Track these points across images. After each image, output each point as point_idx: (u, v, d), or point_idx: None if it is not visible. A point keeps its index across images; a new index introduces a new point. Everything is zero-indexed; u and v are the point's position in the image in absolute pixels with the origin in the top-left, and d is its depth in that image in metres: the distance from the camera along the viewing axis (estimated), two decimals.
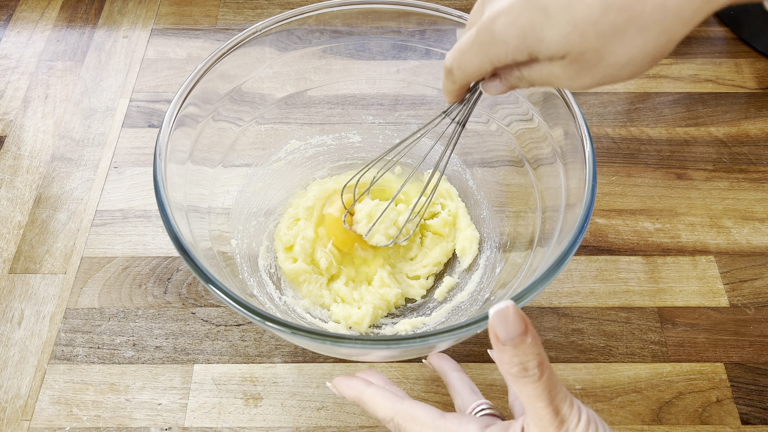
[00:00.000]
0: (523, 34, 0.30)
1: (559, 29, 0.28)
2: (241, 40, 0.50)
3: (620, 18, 0.27)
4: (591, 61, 0.29)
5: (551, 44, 0.29)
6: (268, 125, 0.57)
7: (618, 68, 0.29)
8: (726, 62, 0.74)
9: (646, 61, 0.29)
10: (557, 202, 0.46)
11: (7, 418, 0.51)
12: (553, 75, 0.31)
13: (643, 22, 0.27)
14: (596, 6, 0.27)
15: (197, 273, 0.39)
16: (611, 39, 0.28)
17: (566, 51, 0.29)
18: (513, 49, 0.30)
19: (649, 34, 0.27)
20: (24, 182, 0.64)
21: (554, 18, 0.28)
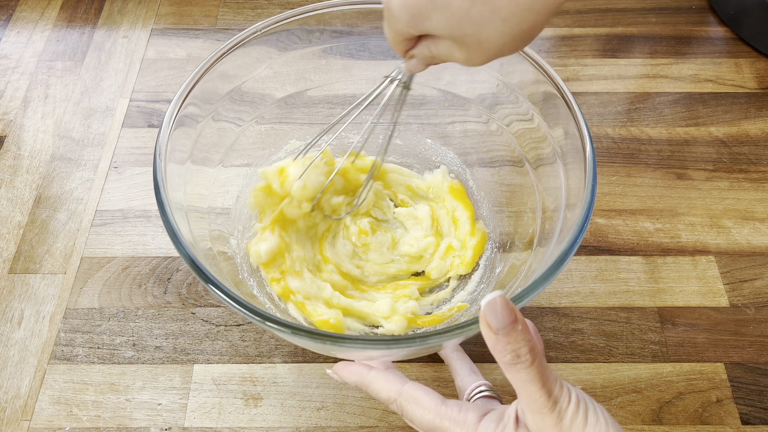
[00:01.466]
0: (412, 13, 0.35)
1: (440, 14, 0.34)
2: (241, 40, 0.50)
3: (485, 10, 0.32)
4: (473, 43, 0.34)
5: (436, 25, 0.35)
6: (268, 125, 0.57)
7: (497, 49, 0.34)
8: (726, 62, 0.74)
9: (519, 41, 0.34)
10: (557, 202, 0.46)
11: (7, 418, 0.51)
12: (451, 53, 0.37)
13: (503, 14, 0.32)
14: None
15: (197, 273, 0.39)
16: (483, 26, 0.33)
17: (449, 33, 0.35)
18: (406, 24, 0.36)
19: (511, 23, 0.32)
20: (24, 182, 0.64)
21: (435, 3, 0.34)
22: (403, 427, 0.50)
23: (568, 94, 0.45)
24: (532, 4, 0.32)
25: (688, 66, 0.74)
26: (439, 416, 0.38)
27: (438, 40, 0.37)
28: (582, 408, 0.33)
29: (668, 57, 0.75)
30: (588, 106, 0.70)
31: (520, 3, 0.32)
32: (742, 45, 0.75)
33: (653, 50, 0.75)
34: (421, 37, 0.39)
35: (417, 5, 0.35)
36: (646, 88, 0.72)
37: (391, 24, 0.38)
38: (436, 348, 0.43)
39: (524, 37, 0.34)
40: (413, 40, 0.39)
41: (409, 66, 0.42)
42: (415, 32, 0.37)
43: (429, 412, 0.38)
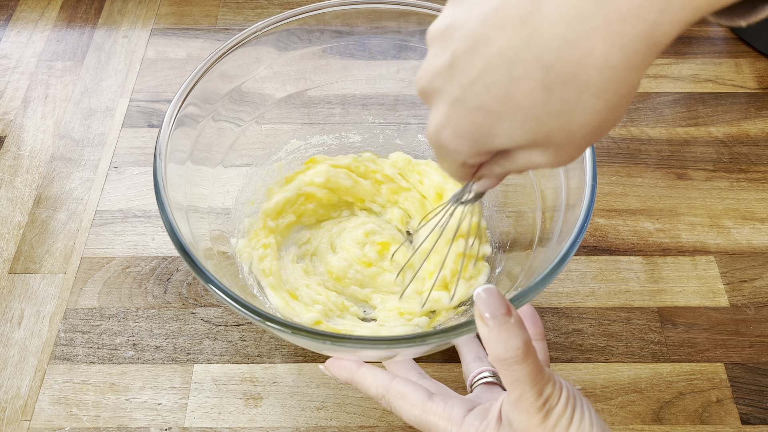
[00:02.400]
0: (473, 138, 0.28)
1: (510, 122, 0.26)
2: (241, 40, 0.50)
3: (569, 93, 0.24)
4: (563, 139, 0.27)
5: (510, 138, 0.27)
6: (268, 125, 0.57)
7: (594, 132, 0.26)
8: (726, 62, 0.74)
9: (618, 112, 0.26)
10: (557, 202, 0.46)
11: (7, 418, 0.51)
12: (534, 162, 0.29)
13: (595, 89, 0.24)
14: (537, 88, 0.25)
15: (197, 273, 0.39)
16: (570, 114, 0.25)
17: (530, 139, 0.27)
18: (471, 154, 0.29)
19: (607, 94, 0.24)
20: (24, 182, 0.64)
21: (498, 113, 0.26)
22: (402, 427, 0.50)
23: None
24: (628, 62, 0.23)
25: (688, 66, 0.74)
26: (425, 411, 0.38)
27: (512, 153, 0.29)
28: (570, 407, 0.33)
29: (668, 57, 0.75)
30: None
31: (614, 66, 0.23)
32: (742, 45, 0.75)
33: None
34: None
35: (477, 127, 0.27)
36: (646, 87, 0.72)
37: (449, 159, 0.30)
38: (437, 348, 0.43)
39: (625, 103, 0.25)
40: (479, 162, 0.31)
41: (480, 186, 0.35)
42: (485, 157, 0.30)
43: (415, 407, 0.39)
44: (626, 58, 0.23)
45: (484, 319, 0.33)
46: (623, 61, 0.23)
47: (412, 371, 0.44)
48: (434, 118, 0.29)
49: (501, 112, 0.26)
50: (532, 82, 0.24)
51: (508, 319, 0.32)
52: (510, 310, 0.33)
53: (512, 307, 0.33)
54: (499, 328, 0.32)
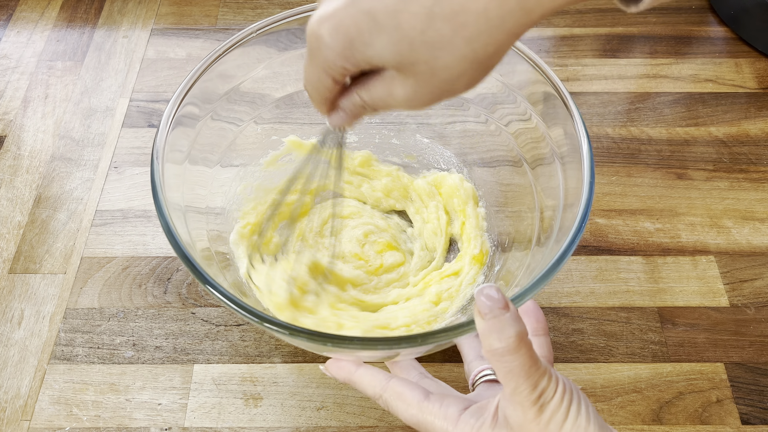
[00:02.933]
0: (349, 38, 0.29)
1: (387, 36, 0.28)
2: (240, 39, 0.50)
3: (446, 27, 0.27)
4: (425, 73, 0.28)
5: (380, 50, 0.29)
6: (267, 125, 0.57)
7: (452, 80, 0.29)
8: (726, 62, 0.74)
9: (478, 71, 0.29)
10: (555, 201, 0.46)
11: (7, 418, 0.51)
12: (391, 94, 0.31)
13: (469, 33, 0.27)
14: (422, 14, 0.27)
15: (194, 273, 0.39)
16: (440, 50, 0.27)
17: (397, 60, 0.29)
18: (340, 55, 0.30)
19: (476, 44, 0.27)
20: (24, 182, 0.64)
21: (381, 23, 0.28)
22: (402, 427, 0.50)
23: (566, 94, 0.45)
24: (502, 20, 0.26)
25: (688, 66, 0.74)
26: (422, 411, 0.38)
27: (372, 81, 0.31)
28: (566, 402, 0.33)
29: (668, 57, 0.75)
30: (588, 106, 0.70)
31: (491, 18, 0.26)
32: (742, 45, 0.75)
33: (653, 50, 0.75)
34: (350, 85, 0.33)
35: (357, 29, 0.28)
36: (646, 88, 0.72)
37: (317, 56, 0.31)
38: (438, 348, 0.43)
39: (486, 64, 0.28)
40: (339, 88, 0.33)
41: (333, 121, 0.35)
42: (350, 66, 0.30)
43: (412, 407, 0.39)
44: (502, 14, 0.26)
45: (482, 314, 0.33)
46: (499, 16, 0.26)
47: (413, 371, 0.44)
48: (321, 10, 0.30)
49: (384, 24, 0.28)
50: (420, 7, 0.27)
51: (504, 312, 0.33)
52: (507, 306, 0.33)
53: (510, 303, 0.33)
54: (494, 320, 0.32)
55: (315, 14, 0.30)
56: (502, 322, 0.32)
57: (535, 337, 0.43)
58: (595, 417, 0.33)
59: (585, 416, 0.33)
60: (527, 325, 0.43)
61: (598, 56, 0.75)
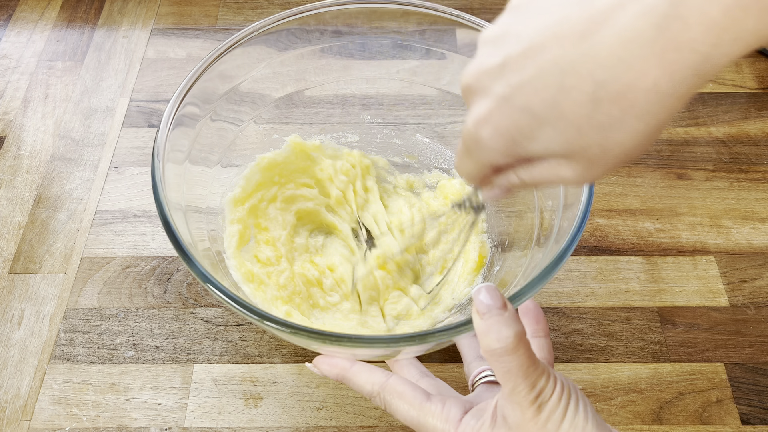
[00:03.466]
0: (511, 137, 0.28)
1: (551, 128, 0.27)
2: (240, 39, 0.50)
3: (614, 109, 0.26)
4: (597, 155, 0.27)
5: (546, 143, 0.28)
6: (267, 125, 0.57)
7: (627, 154, 0.27)
8: None
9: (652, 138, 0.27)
10: (555, 201, 0.46)
11: (7, 418, 0.51)
12: (558, 175, 0.29)
13: (639, 110, 0.25)
14: (586, 101, 0.26)
15: (196, 273, 0.39)
16: (611, 131, 0.26)
17: (566, 149, 0.28)
18: (503, 153, 0.29)
19: (648, 117, 0.26)
20: (24, 182, 0.64)
21: (542, 117, 0.27)
22: (403, 428, 0.50)
23: None
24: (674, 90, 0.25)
25: None
26: (423, 412, 0.38)
27: (536, 163, 0.30)
28: (564, 401, 0.33)
29: None
30: None
31: (661, 92, 0.25)
32: None
33: None
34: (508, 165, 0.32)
35: (517, 128, 0.28)
36: None
37: (477, 155, 0.30)
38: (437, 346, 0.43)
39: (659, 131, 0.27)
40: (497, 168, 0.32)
41: (486, 195, 0.34)
42: (513, 160, 0.30)
43: (413, 407, 0.38)
44: (674, 85, 0.24)
45: (480, 313, 0.33)
46: (671, 87, 0.24)
47: (413, 369, 0.43)
48: (476, 112, 0.29)
49: (545, 117, 0.27)
50: (581, 93, 0.25)
51: (502, 312, 0.32)
52: (505, 305, 0.33)
53: (508, 303, 0.33)
54: (492, 320, 0.32)
55: (470, 117, 0.30)
56: (500, 322, 0.32)
57: (535, 339, 0.43)
58: (594, 416, 0.33)
59: (583, 416, 0.33)
60: (527, 327, 0.43)
61: None
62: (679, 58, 0.24)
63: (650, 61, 0.24)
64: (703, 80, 0.25)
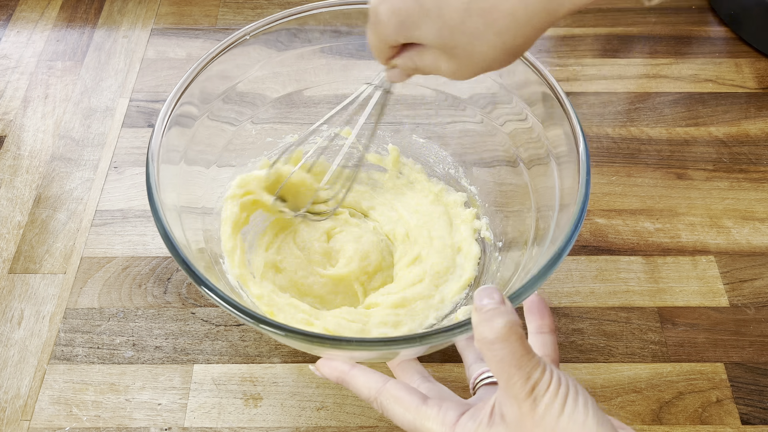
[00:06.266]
0: (401, 20, 0.35)
1: (432, 22, 0.33)
2: (238, 39, 0.50)
3: (480, 22, 0.32)
4: (462, 55, 0.34)
5: (426, 34, 0.34)
6: (266, 125, 0.57)
7: (488, 63, 0.34)
8: (726, 62, 0.74)
9: (510, 56, 0.34)
10: (551, 201, 0.46)
11: (7, 418, 0.51)
12: (437, 66, 0.36)
13: (498, 28, 0.32)
14: (461, 8, 0.32)
15: (190, 274, 0.39)
16: (476, 39, 0.33)
17: (439, 43, 0.34)
18: (393, 31, 0.36)
19: (505, 36, 0.32)
20: (24, 182, 0.64)
21: (427, 10, 0.33)
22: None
23: (562, 94, 0.45)
24: (528, 19, 0.31)
25: (688, 66, 0.74)
26: (419, 416, 0.38)
27: (424, 51, 0.37)
28: (561, 395, 0.32)
29: (668, 57, 0.75)
30: (588, 106, 0.70)
31: (518, 17, 0.31)
32: (742, 45, 0.75)
33: (653, 50, 0.75)
34: (406, 46, 0.38)
35: (407, 12, 0.34)
36: (646, 88, 0.72)
37: (376, 30, 0.37)
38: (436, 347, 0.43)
39: (516, 52, 0.34)
40: (397, 49, 0.38)
41: (390, 76, 0.41)
42: (402, 40, 0.36)
43: (409, 411, 0.38)
44: (528, 15, 0.31)
45: (477, 309, 0.33)
46: (525, 16, 0.31)
47: (415, 374, 0.43)
48: None
49: (429, 11, 0.33)
50: (459, 2, 0.32)
51: (498, 305, 0.33)
52: (503, 302, 0.33)
53: (507, 300, 0.33)
54: (488, 312, 0.33)
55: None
56: (494, 313, 0.32)
57: (540, 335, 0.42)
58: (594, 410, 0.32)
59: (582, 410, 0.32)
60: (532, 322, 0.43)
61: (598, 56, 0.75)
62: None
63: None
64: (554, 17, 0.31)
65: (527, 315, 0.43)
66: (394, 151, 0.60)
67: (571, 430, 0.31)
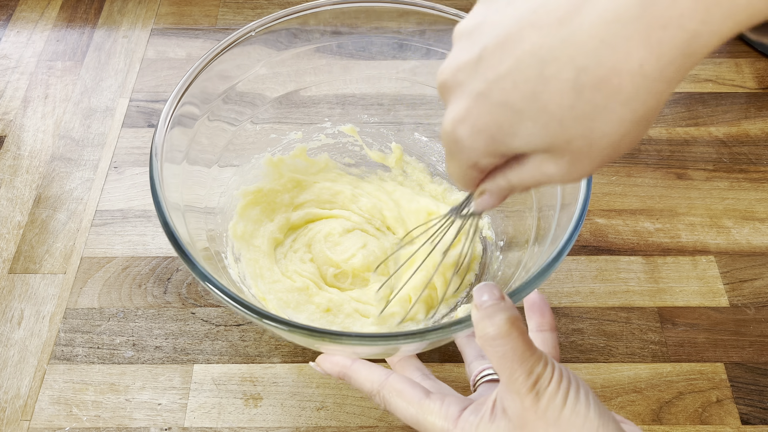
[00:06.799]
0: (491, 135, 0.27)
1: (532, 122, 0.25)
2: (238, 38, 0.50)
3: (598, 96, 0.24)
4: (582, 148, 0.26)
5: (528, 138, 0.26)
6: (267, 124, 0.57)
7: (614, 145, 0.25)
8: (726, 62, 0.74)
9: (641, 127, 0.25)
10: (553, 201, 0.46)
11: (6, 418, 0.51)
12: (546, 174, 0.28)
13: (624, 96, 0.24)
14: (567, 89, 0.24)
15: (195, 272, 0.39)
16: (596, 120, 0.24)
17: (549, 143, 0.26)
18: (484, 153, 0.28)
19: (635, 103, 0.24)
20: (24, 182, 0.64)
21: (522, 111, 0.25)
22: (403, 428, 0.50)
23: None
24: (661, 72, 0.23)
25: None
26: (422, 410, 0.38)
27: (523, 161, 0.28)
28: (563, 388, 0.32)
29: None
30: None
31: (647, 75, 0.23)
32: (742, 45, 0.75)
33: None
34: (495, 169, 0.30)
35: (497, 123, 0.26)
36: None
37: (460, 158, 0.29)
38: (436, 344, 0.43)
39: (648, 119, 0.25)
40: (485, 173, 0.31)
41: (480, 204, 0.33)
42: (499, 160, 0.29)
43: (412, 405, 0.38)
44: (661, 66, 0.23)
45: (477, 306, 0.33)
46: (657, 69, 0.23)
47: (416, 372, 0.43)
48: (453, 111, 0.28)
49: (525, 111, 0.25)
50: (562, 82, 0.24)
51: (498, 301, 0.33)
52: (503, 298, 0.33)
53: (506, 297, 0.33)
54: (487, 309, 0.32)
55: (447, 116, 0.29)
56: (495, 309, 0.32)
57: (540, 333, 0.42)
58: (596, 404, 0.32)
59: (585, 403, 0.32)
60: (532, 320, 0.43)
61: None
62: (666, 37, 0.22)
63: (635, 41, 0.22)
64: (692, 62, 0.23)
65: (528, 313, 0.44)
66: (397, 150, 0.60)
67: (574, 423, 0.31)
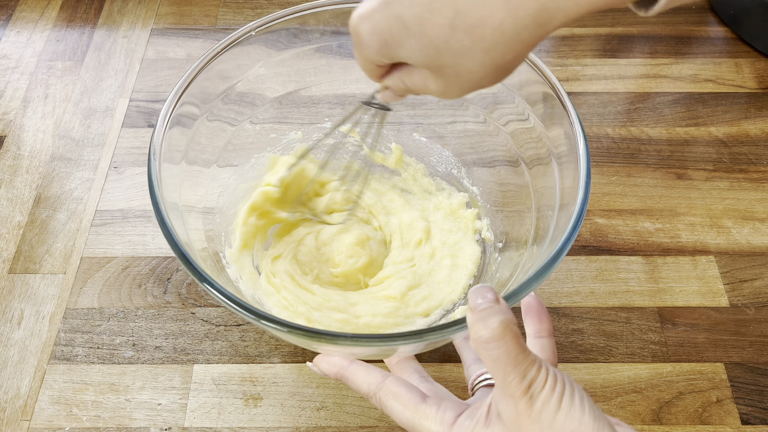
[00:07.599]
0: (384, 39, 0.33)
1: (416, 41, 0.31)
2: (237, 38, 0.49)
3: (467, 39, 0.30)
4: (450, 74, 0.32)
5: (411, 54, 0.32)
6: (267, 124, 0.57)
7: (477, 81, 0.32)
8: (726, 62, 0.74)
9: (499, 73, 0.32)
10: (552, 201, 0.46)
11: (6, 418, 0.51)
12: (426, 85, 0.34)
13: (486, 45, 0.30)
14: (445, 25, 0.30)
15: (193, 272, 0.39)
16: (463, 57, 0.31)
17: (425, 63, 0.32)
18: (377, 51, 0.34)
19: (494, 53, 0.30)
20: (24, 182, 0.64)
21: (410, 29, 0.31)
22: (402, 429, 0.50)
23: (563, 94, 0.45)
24: (517, 33, 0.29)
25: (688, 66, 0.74)
26: (418, 414, 0.38)
27: (412, 70, 0.35)
28: (557, 392, 0.32)
29: (668, 57, 0.75)
30: (588, 106, 0.70)
31: (506, 32, 0.29)
32: (742, 45, 0.75)
33: (653, 50, 0.75)
34: (395, 66, 0.36)
35: (389, 31, 0.32)
36: (646, 88, 0.72)
37: (360, 50, 0.35)
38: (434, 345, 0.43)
39: (506, 69, 0.32)
40: (386, 68, 0.37)
41: (383, 97, 0.40)
42: (387, 60, 0.35)
43: (408, 409, 0.38)
44: (517, 29, 0.29)
45: (471, 309, 0.33)
46: (514, 30, 0.29)
47: (414, 374, 0.43)
48: (362, 7, 0.33)
49: (412, 30, 0.31)
50: (443, 18, 0.30)
51: (492, 304, 0.32)
52: (498, 301, 0.33)
53: (501, 299, 0.33)
54: (482, 312, 0.32)
55: (356, 11, 0.34)
56: (489, 312, 0.32)
57: (538, 339, 0.42)
58: (591, 408, 0.32)
59: (579, 406, 0.32)
60: (530, 326, 0.42)
61: (598, 56, 0.75)
62: (521, 4, 0.28)
63: (498, 2, 0.28)
64: (545, 31, 0.29)
65: (525, 318, 0.43)
66: (397, 150, 0.60)
67: (568, 426, 0.31)
